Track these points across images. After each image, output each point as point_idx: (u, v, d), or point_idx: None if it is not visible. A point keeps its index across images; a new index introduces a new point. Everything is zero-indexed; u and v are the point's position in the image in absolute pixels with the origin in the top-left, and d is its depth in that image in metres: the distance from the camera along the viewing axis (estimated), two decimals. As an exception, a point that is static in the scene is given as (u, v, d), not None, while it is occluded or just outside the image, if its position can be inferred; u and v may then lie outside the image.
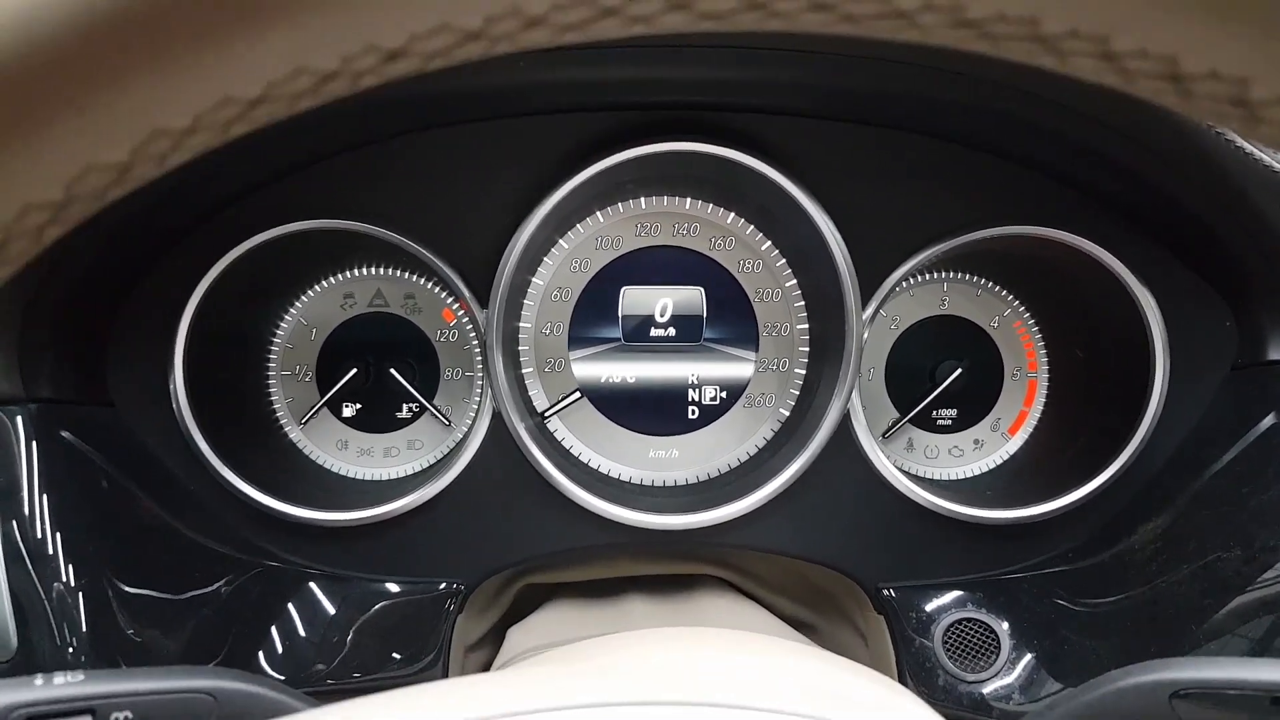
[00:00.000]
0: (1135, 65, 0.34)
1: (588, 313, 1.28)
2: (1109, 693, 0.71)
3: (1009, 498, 1.23)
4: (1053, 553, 1.21)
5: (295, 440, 1.28)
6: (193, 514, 1.13)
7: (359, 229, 1.12)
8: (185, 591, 1.07)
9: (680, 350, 1.29)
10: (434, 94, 1.05)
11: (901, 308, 1.31)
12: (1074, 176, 1.16)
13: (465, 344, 1.29)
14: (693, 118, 1.13)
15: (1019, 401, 1.33)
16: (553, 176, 1.13)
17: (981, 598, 1.18)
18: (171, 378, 1.11)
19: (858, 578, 1.22)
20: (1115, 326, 1.19)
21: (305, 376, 1.28)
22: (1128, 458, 1.17)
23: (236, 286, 1.15)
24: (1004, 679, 1.13)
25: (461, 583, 1.19)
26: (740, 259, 1.27)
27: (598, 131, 1.14)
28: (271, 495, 1.13)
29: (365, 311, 1.28)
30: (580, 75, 1.06)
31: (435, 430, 1.30)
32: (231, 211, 1.11)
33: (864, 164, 1.18)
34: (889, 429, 1.31)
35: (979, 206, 1.17)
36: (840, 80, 1.07)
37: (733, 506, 1.18)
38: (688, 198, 1.25)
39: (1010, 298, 1.31)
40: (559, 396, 1.27)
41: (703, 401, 1.30)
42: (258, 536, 1.16)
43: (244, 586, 1.11)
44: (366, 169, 1.14)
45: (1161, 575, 1.10)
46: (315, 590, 1.15)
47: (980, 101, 1.07)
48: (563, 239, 1.25)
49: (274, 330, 1.27)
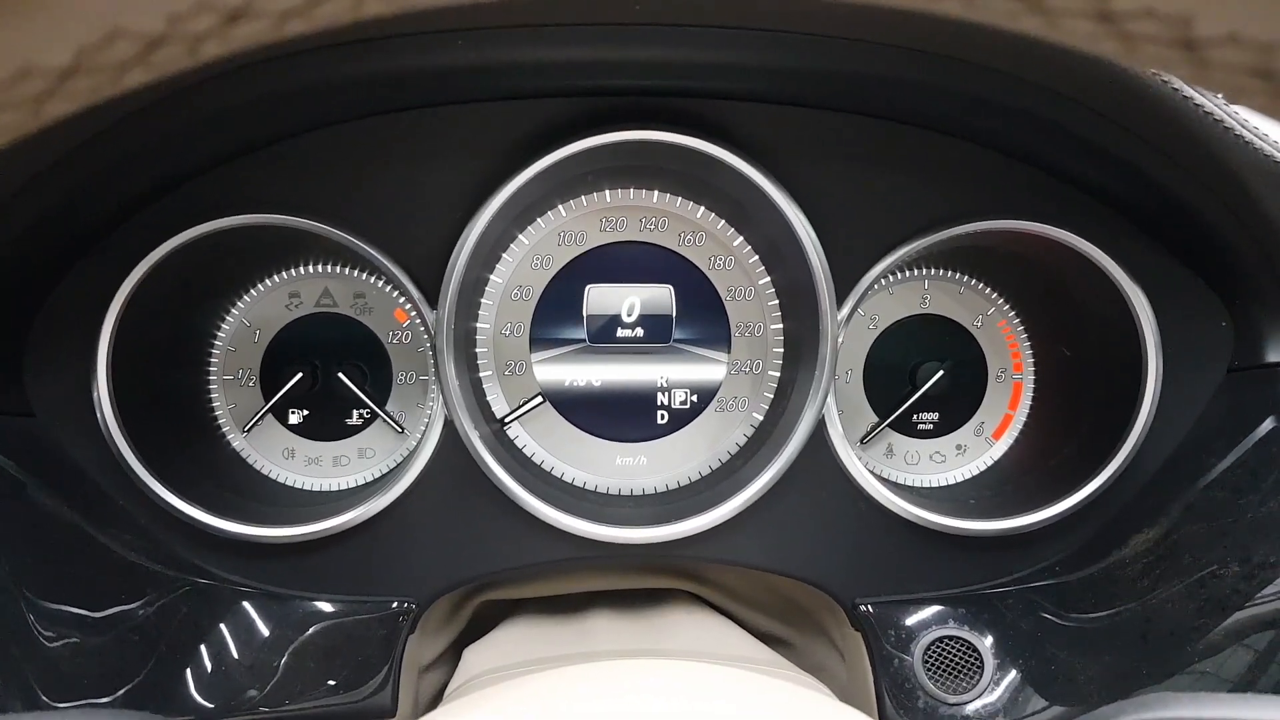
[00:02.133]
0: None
1: (550, 312, 1.22)
2: None
3: (993, 507, 1.18)
4: (1039, 566, 1.16)
5: (239, 449, 1.22)
6: (119, 528, 1.07)
7: (297, 225, 1.05)
8: (105, 609, 1.01)
9: (648, 352, 1.24)
10: (377, 76, 0.98)
11: (880, 306, 1.26)
12: (1063, 169, 1.11)
13: (419, 346, 1.23)
14: (657, 104, 1.08)
15: (1004, 405, 1.28)
16: (507, 166, 1.07)
17: (964, 613, 1.13)
18: (95, 385, 1.04)
19: (834, 593, 1.16)
20: (1105, 326, 1.14)
21: (249, 381, 1.22)
22: (1118, 465, 1.12)
23: (169, 287, 1.08)
24: (987, 699, 1.07)
25: (413, 601, 1.12)
26: (711, 255, 1.22)
27: (556, 118, 1.08)
28: (209, 509, 1.07)
29: (312, 312, 1.22)
30: (535, 56, 1.00)
31: (388, 437, 1.24)
32: (158, 207, 1.04)
33: (839, 153, 1.12)
34: (867, 434, 1.26)
35: (962, 200, 1.12)
36: (814, 62, 1.01)
37: (703, 518, 1.12)
38: (655, 190, 1.20)
39: (995, 296, 1.27)
40: (520, 401, 1.21)
41: (672, 405, 1.25)
42: (191, 552, 1.09)
43: (171, 605, 1.05)
44: (305, 159, 1.08)
45: (1154, 590, 1.05)
46: (250, 610, 1.08)
47: (964, 87, 1.01)
48: (522, 234, 1.19)
49: (214, 332, 1.20)
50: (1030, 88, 0.97)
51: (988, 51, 0.93)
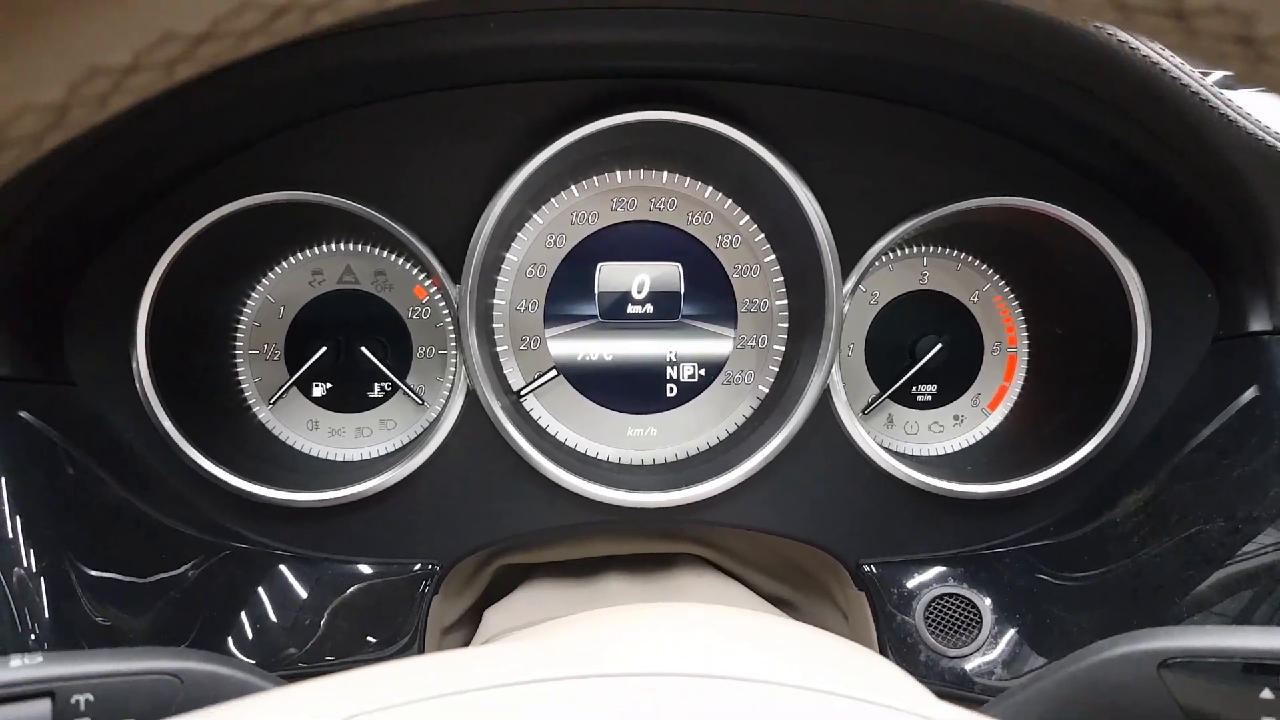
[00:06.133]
0: None
1: (563, 289, 1.26)
2: (1096, 663, 0.70)
3: (989, 473, 1.23)
4: (1034, 527, 1.21)
5: (264, 421, 1.26)
6: (159, 496, 1.11)
7: (327, 202, 1.10)
8: (151, 575, 1.05)
9: (658, 327, 1.28)
10: (401, 59, 1.02)
11: (881, 282, 1.30)
12: (1057, 147, 1.16)
13: (438, 321, 1.27)
14: (669, 86, 1.12)
15: (999, 377, 1.33)
16: (526, 147, 1.11)
17: (963, 573, 1.18)
18: (134, 357, 1.08)
19: (838, 554, 1.21)
20: (1096, 299, 1.19)
21: (274, 356, 1.26)
22: (1109, 431, 1.17)
23: (201, 263, 1.12)
24: (987, 654, 1.12)
25: (436, 563, 1.17)
26: (719, 234, 1.26)
27: (570, 101, 1.12)
28: (240, 476, 1.10)
29: (334, 289, 1.26)
30: (552, 39, 1.04)
31: (408, 409, 1.28)
32: (193, 185, 1.08)
33: (844, 134, 1.17)
34: (869, 405, 1.31)
35: (961, 178, 1.17)
36: (819, 44, 1.05)
37: (712, 484, 1.17)
38: (665, 171, 1.24)
39: (990, 272, 1.31)
40: (535, 375, 1.25)
41: (681, 379, 1.29)
42: (226, 518, 1.13)
43: (212, 569, 1.09)
44: (333, 140, 1.12)
45: (1143, 548, 1.10)
46: (286, 572, 1.13)
47: (963, 69, 1.06)
48: (536, 214, 1.24)
49: (241, 308, 1.24)
50: (1026, 70, 1.01)
51: (986, 34, 0.97)
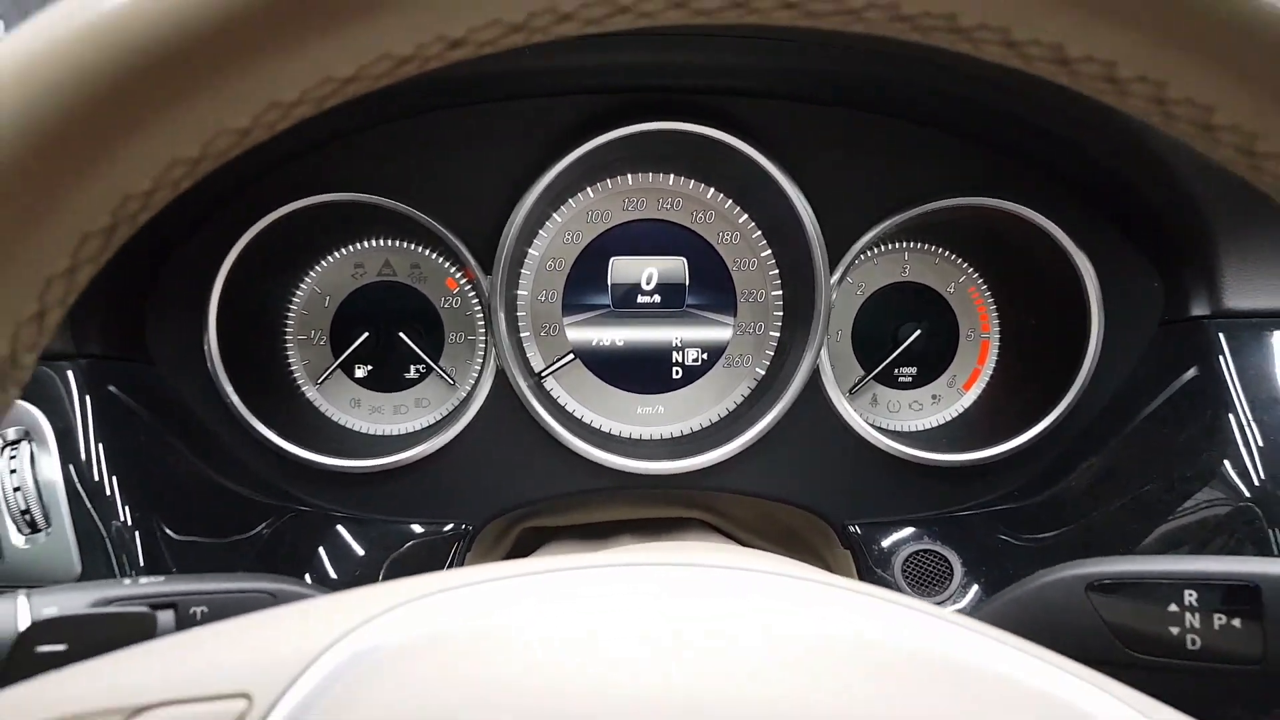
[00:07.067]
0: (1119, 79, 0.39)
1: (580, 281, 1.37)
2: (1034, 588, 0.81)
3: (962, 445, 1.34)
4: (1000, 493, 1.32)
5: (312, 399, 1.38)
6: (227, 464, 1.24)
7: (375, 202, 1.23)
8: (228, 535, 1.18)
9: (665, 316, 1.38)
10: (443, 78, 1.15)
11: (866, 275, 1.40)
12: (1019, 151, 1.26)
13: (468, 310, 1.39)
14: (676, 100, 1.24)
15: (973, 360, 1.43)
16: (548, 154, 1.23)
17: (937, 532, 1.30)
18: (206, 340, 1.21)
19: (826, 516, 1.33)
20: (1056, 288, 1.30)
21: (320, 340, 1.38)
22: (1066, 406, 1.28)
23: (259, 257, 1.25)
24: (957, 602, 1.25)
25: (470, 524, 1.30)
26: (720, 231, 1.37)
27: (589, 113, 1.24)
28: (302, 446, 1.24)
29: (374, 280, 1.38)
30: (575, 61, 1.17)
31: (440, 389, 1.41)
32: (259, 186, 1.21)
33: (831, 142, 1.28)
34: (855, 385, 1.41)
35: (935, 180, 1.28)
36: (809, 65, 1.17)
37: (715, 452, 1.29)
38: (671, 174, 1.34)
39: (965, 265, 1.41)
40: (554, 358, 1.37)
41: (685, 362, 1.40)
42: (287, 484, 1.26)
43: (281, 529, 1.22)
44: (381, 147, 1.24)
45: (1095, 509, 1.22)
46: (342, 531, 1.26)
47: (935, 84, 1.18)
48: (556, 213, 1.34)
49: (291, 297, 1.37)
50: (986, 84, 1.14)
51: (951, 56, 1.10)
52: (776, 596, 0.50)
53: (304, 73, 0.35)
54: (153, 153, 0.34)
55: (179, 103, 0.33)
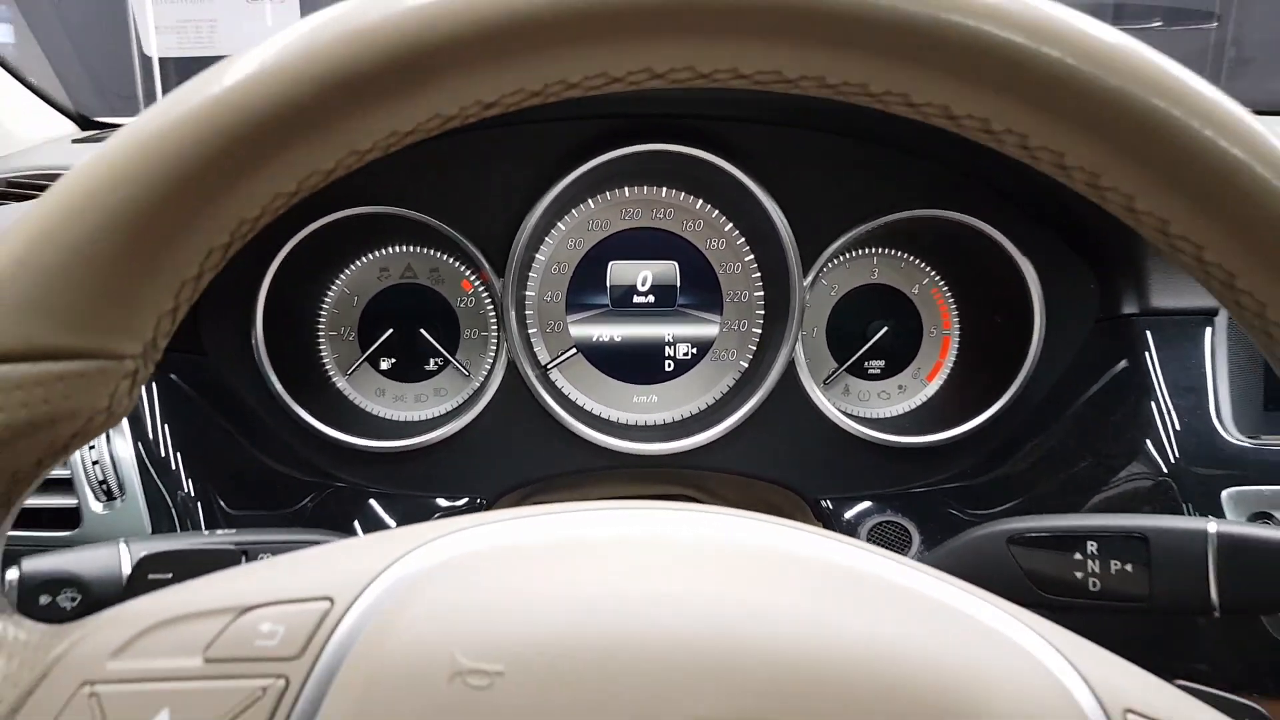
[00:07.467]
0: None
1: (582, 283, 1.49)
2: (964, 541, 0.95)
3: (923, 429, 1.48)
4: (953, 471, 1.46)
5: (342, 388, 1.52)
6: (273, 446, 1.38)
7: (403, 214, 1.37)
8: (276, 509, 1.32)
9: (658, 314, 1.47)
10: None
11: (839, 277, 1.52)
12: (971, 169, 1.39)
13: (481, 309, 1.52)
14: (669, 124, 1.37)
15: (936, 355, 1.54)
16: (555, 171, 1.36)
17: (899, 505, 1.42)
18: (254, 334, 1.36)
19: (801, 492, 1.47)
20: (1005, 290, 1.42)
21: (349, 336, 1.52)
22: (1012, 394, 1.41)
23: (298, 261, 1.39)
24: (915, 567, 1.41)
25: (484, 498, 1.46)
26: (708, 238, 1.49)
27: (592, 135, 1.37)
28: (338, 429, 1.40)
29: (398, 282, 1.50)
30: (580, 93, 1.32)
31: (457, 380, 1.54)
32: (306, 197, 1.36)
33: (805, 161, 1.40)
34: (829, 376, 1.52)
35: (896, 194, 1.40)
36: (785, 97, 1.32)
37: (701, 436, 1.43)
38: (664, 188, 1.47)
39: (928, 269, 1.52)
40: (558, 352, 1.50)
41: (676, 356, 1.52)
42: (325, 463, 1.40)
43: (324, 502, 1.37)
44: (407, 165, 1.37)
45: (1035, 486, 1.35)
46: (375, 505, 1.42)
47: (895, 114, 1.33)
48: (561, 222, 1.47)
49: (323, 298, 1.51)
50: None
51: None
52: (751, 531, 0.55)
53: (376, 129, 0.41)
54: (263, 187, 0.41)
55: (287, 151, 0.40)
